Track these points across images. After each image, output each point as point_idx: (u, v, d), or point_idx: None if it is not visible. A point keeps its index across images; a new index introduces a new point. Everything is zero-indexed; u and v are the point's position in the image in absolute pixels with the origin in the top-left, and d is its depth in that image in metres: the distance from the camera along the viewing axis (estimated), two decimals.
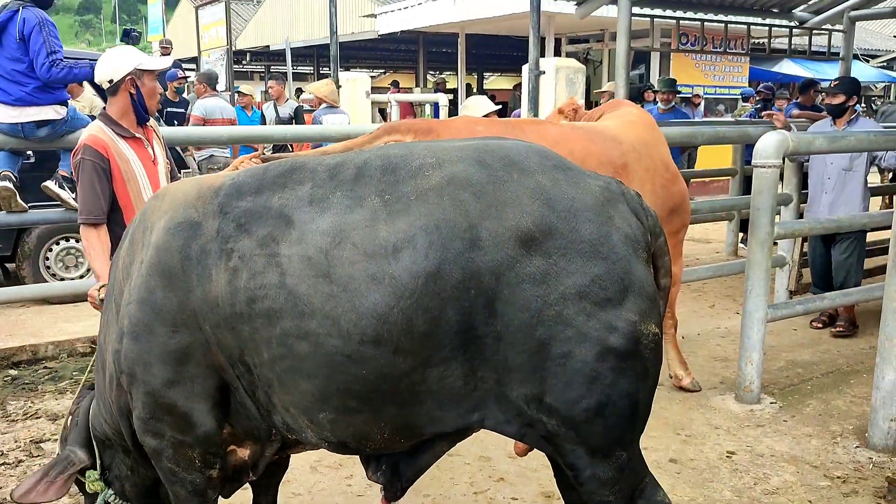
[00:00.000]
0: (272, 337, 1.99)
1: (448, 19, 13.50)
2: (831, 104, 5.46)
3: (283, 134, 6.57)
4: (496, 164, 2.02)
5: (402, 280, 1.90)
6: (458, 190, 1.96)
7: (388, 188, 2.00)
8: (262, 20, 21.95)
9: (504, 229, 1.92)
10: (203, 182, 2.26)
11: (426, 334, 1.91)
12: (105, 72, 3.26)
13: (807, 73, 17.87)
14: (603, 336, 1.92)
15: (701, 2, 8.59)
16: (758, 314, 4.37)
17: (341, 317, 1.92)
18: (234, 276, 2.02)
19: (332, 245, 1.95)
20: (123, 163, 3.27)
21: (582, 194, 2.00)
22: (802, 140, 4.33)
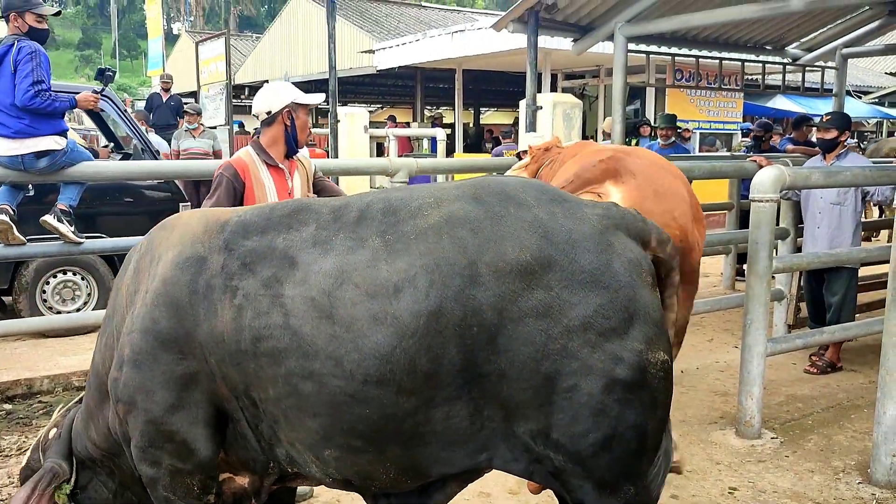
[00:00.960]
0: (277, 376, 2.00)
1: (445, 55, 13.65)
2: (824, 139, 5.50)
3: None
4: (492, 200, 2.04)
5: (404, 319, 1.90)
6: (456, 227, 1.98)
7: (388, 229, 2.03)
8: (262, 55, 22.18)
9: (504, 264, 1.93)
10: (210, 216, 2.29)
11: (429, 374, 1.91)
12: (263, 104, 3.42)
13: (800, 109, 18.09)
14: (609, 367, 1.91)
15: (696, 39, 8.70)
16: (758, 348, 4.35)
17: (344, 357, 1.93)
18: (239, 313, 2.05)
19: (334, 286, 1.98)
20: (259, 188, 3.37)
21: (579, 225, 2.01)
22: (799, 175, 4.36)
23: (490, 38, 12.53)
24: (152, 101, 13.01)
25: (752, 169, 5.38)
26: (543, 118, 7.33)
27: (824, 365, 5.60)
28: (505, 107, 28.43)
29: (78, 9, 68.90)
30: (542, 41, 8.56)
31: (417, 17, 21.18)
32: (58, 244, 5.27)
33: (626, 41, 7.38)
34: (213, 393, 2.14)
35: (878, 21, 8.66)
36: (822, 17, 8.78)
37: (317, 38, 18.54)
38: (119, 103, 6.80)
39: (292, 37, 20.25)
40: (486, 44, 12.58)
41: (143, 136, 7.04)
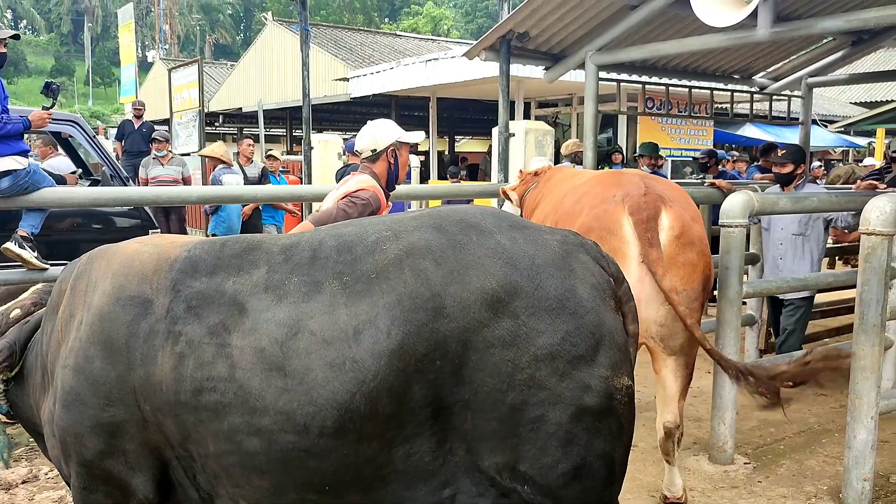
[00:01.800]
0: (219, 431, 1.88)
1: (419, 83, 13.72)
2: (781, 173, 5.47)
3: (254, 194, 6.55)
4: (454, 229, 1.98)
5: (365, 363, 1.81)
6: (418, 259, 1.90)
7: (346, 269, 1.93)
8: (236, 83, 22.17)
9: (469, 293, 1.86)
10: (162, 252, 2.16)
11: (391, 415, 1.83)
12: (368, 141, 3.47)
13: (768, 137, 18.42)
14: (577, 396, 1.86)
15: (665, 67, 8.83)
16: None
17: (297, 411, 1.82)
18: (180, 362, 1.92)
19: (287, 336, 1.87)
20: None
21: (542, 250, 1.97)
22: (767, 200, 4.41)
23: (464, 67, 12.62)
24: (124, 127, 12.89)
25: (718, 195, 5.42)
26: (516, 145, 7.37)
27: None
28: (480, 135, 28.61)
29: (51, 36, 68.52)
30: (515, 69, 8.64)
31: (392, 45, 21.33)
32: (20, 272, 5.16)
33: (597, 69, 7.47)
34: (147, 441, 2.01)
35: (842, 51, 8.86)
36: (788, 48, 8.97)
37: (291, 65, 18.57)
38: (88, 129, 6.73)
39: (267, 64, 20.28)
40: (459, 72, 12.67)
41: (113, 163, 6.96)
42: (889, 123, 20.56)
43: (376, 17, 70.86)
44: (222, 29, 68.71)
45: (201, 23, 66.74)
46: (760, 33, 5.88)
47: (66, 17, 64.94)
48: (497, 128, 7.58)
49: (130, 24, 17.07)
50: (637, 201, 3.52)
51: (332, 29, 22.93)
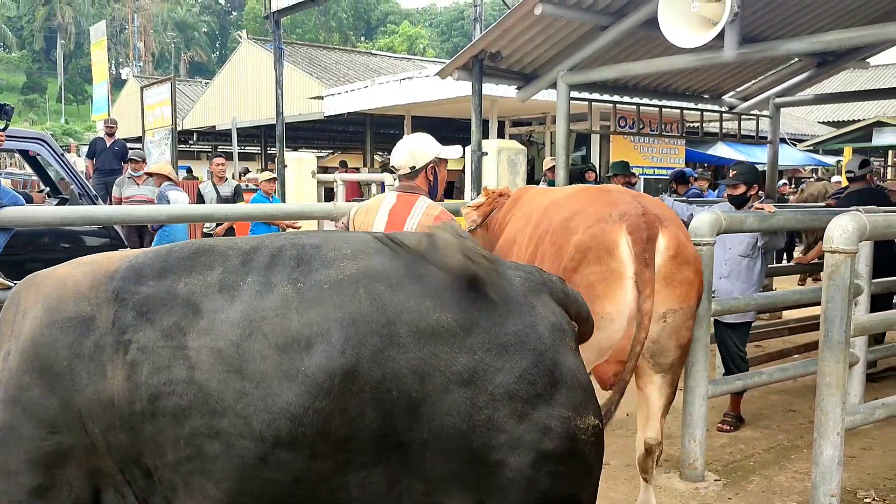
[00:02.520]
0: (179, 437, 1.81)
1: (394, 102, 13.78)
2: (733, 195, 5.24)
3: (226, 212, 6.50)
4: (412, 256, 1.93)
5: (317, 378, 1.75)
6: (374, 283, 1.85)
7: (301, 276, 1.88)
8: (210, 100, 22.11)
9: (424, 324, 1.79)
10: (98, 267, 2.07)
11: (345, 438, 1.77)
12: (406, 157, 3.32)
13: (739, 156, 18.68)
14: (537, 440, 1.79)
15: (637, 87, 8.95)
16: (699, 390, 4.39)
17: (254, 416, 1.77)
18: (133, 371, 1.84)
19: (242, 337, 1.81)
20: None
21: (504, 284, 1.92)
22: (735, 218, 4.46)
23: (438, 86, 12.69)
24: (95, 145, 12.78)
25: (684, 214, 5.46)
26: (489, 164, 7.41)
27: (734, 420, 5.41)
28: None
29: (23, 53, 67.90)
30: (489, 89, 8.71)
31: (367, 64, 21.41)
32: None
33: (569, 89, 7.55)
34: (93, 468, 1.91)
35: (808, 72, 9.06)
36: (756, 68, 9.14)
37: (266, 83, 18.55)
38: (56, 147, 6.66)
39: (241, 82, 20.25)
40: (433, 91, 12.75)
41: (82, 181, 6.89)
42: (855, 143, 21.00)
43: (352, 35, 71.11)
44: (197, 47, 68.54)
45: (176, 40, 66.54)
46: (727, 54, 5.99)
47: (38, 35, 64.39)
48: (470, 146, 7.62)
49: (103, 41, 16.94)
50: (636, 221, 3.52)
51: (308, 48, 22.98)
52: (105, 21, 19.76)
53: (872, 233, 3.78)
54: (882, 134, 21.05)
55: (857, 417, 3.91)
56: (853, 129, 21.68)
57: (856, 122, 23.84)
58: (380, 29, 73.16)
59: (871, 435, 5.17)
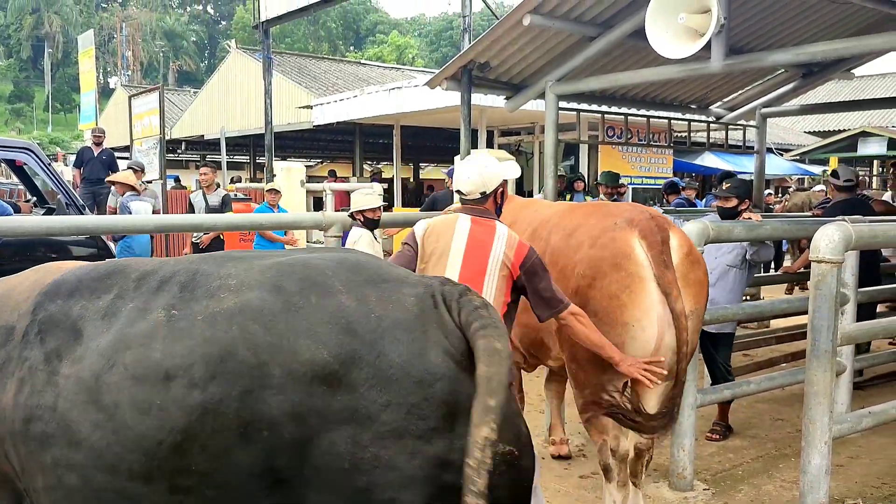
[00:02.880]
0: (45, 464, 1.78)
1: (383, 111, 13.79)
2: (724, 207, 5.25)
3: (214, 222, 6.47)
4: (293, 289, 1.83)
5: (172, 412, 1.69)
6: (249, 321, 1.76)
7: (178, 304, 1.81)
8: (199, 110, 22.06)
9: (298, 365, 1.70)
10: (41, 278, 2.07)
11: (208, 473, 1.70)
12: (477, 183, 3.25)
13: (726, 165, 18.80)
14: (434, 475, 1.68)
15: (625, 97, 9.00)
16: (688, 399, 4.39)
17: (106, 449, 1.71)
18: (20, 388, 1.84)
19: (104, 367, 1.76)
20: None
21: (392, 310, 1.80)
22: (722, 228, 4.49)
23: (427, 95, 12.72)
24: (83, 154, 12.74)
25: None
26: None
27: (723, 429, 5.43)
28: (444, 162, 28.80)
29: (10, 62, 67.62)
30: (477, 98, 8.73)
31: (356, 73, 21.45)
32: None
33: (557, 99, 7.57)
34: (6, 474, 1.90)
35: (794, 83, 9.12)
36: (742, 79, 9.20)
37: (255, 92, 18.53)
38: (43, 156, 6.62)
39: (230, 91, 20.23)
40: (422, 100, 12.77)
41: (69, 191, 6.86)
42: (841, 152, 21.20)
43: (341, 45, 71.25)
44: (186, 56, 68.48)
45: (164, 49, 66.47)
46: (714, 65, 6.02)
47: (25, 43, 64.18)
48: (458, 156, 7.63)
49: (91, 50, 16.89)
50: (647, 224, 3.52)
51: (296, 57, 22.99)
52: (93, 30, 19.73)
53: (858, 242, 3.81)
54: (867, 144, 21.26)
55: (844, 426, 3.93)
56: (839, 138, 21.88)
57: (841, 131, 24.08)
58: (369, 38, 73.35)
59: (858, 444, 5.20)
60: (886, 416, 4.19)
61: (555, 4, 6.44)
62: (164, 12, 70.93)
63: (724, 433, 5.40)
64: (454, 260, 3.13)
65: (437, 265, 3.15)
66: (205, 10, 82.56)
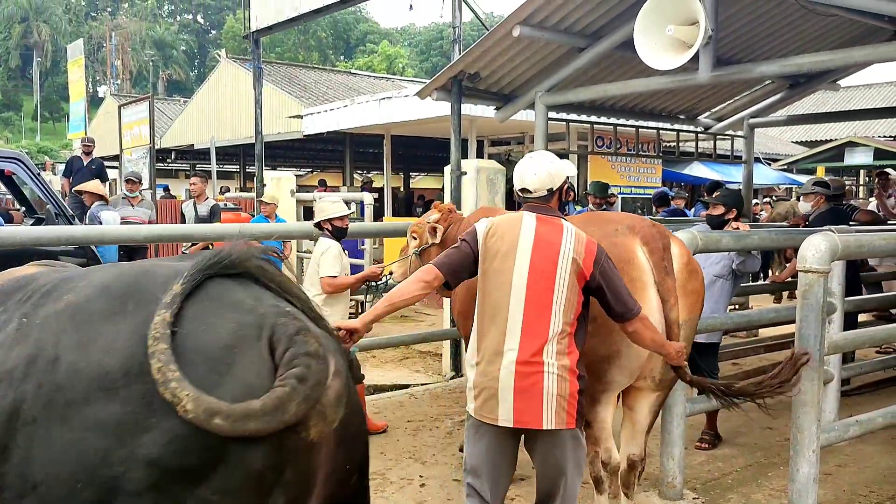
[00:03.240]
0: None
1: (373, 121, 13.81)
2: (711, 214, 5.33)
3: (204, 233, 6.47)
4: (117, 292, 1.79)
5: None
6: (65, 318, 1.73)
7: (32, 311, 1.79)
8: (188, 119, 22.05)
9: (85, 365, 1.65)
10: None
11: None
12: (545, 180, 3.19)
13: (715, 175, 18.91)
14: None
15: (614, 107, 9.07)
16: (677, 409, 4.42)
17: None
18: None
19: None
20: None
21: (201, 333, 1.73)
22: (710, 238, 4.51)
23: (417, 105, 12.74)
24: (72, 164, 12.67)
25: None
26: (468, 184, 7.44)
27: (712, 438, 5.46)
28: (434, 172, 28.84)
29: None
30: (467, 108, 8.76)
31: (346, 83, 21.49)
32: None
33: (547, 109, 7.63)
34: None
35: (781, 94, 9.22)
36: (730, 90, 9.30)
37: (245, 102, 18.53)
38: (32, 166, 6.61)
39: (220, 101, 20.23)
40: (413, 110, 12.80)
41: (59, 201, 6.84)
42: (828, 162, 21.39)
43: (331, 55, 71.34)
44: (176, 65, 68.40)
45: (154, 59, 66.38)
46: (702, 76, 6.09)
47: (14, 52, 63.93)
48: (448, 166, 7.66)
49: (80, 59, 16.85)
50: (649, 231, 3.54)
51: (287, 67, 23.02)
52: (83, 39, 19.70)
53: (845, 252, 3.85)
54: (854, 154, 21.46)
55: (832, 435, 3.96)
56: (825, 148, 22.08)
57: (828, 141, 24.30)
58: (359, 48, 73.47)
59: (845, 452, 5.23)
60: (873, 424, 4.22)
61: (544, 16, 6.49)
62: (153, 21, 70.89)
63: (712, 442, 5.42)
64: (521, 260, 3.01)
65: (502, 266, 3.03)
66: (195, 19, 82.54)
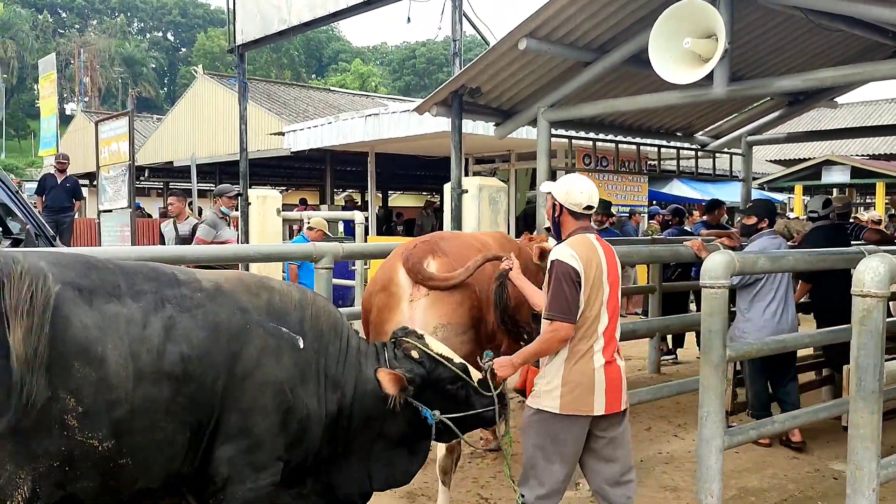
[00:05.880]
0: None
1: (359, 138, 13.51)
2: (745, 224, 5.80)
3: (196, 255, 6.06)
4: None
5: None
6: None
7: None
8: (163, 136, 21.52)
9: None
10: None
11: None
12: (583, 199, 3.48)
13: (695, 193, 18.95)
14: None
15: (612, 125, 8.87)
16: (715, 442, 4.14)
17: None
18: None
19: None
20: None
21: None
22: (747, 260, 4.27)
23: (403, 122, 12.51)
24: (45, 182, 12.21)
25: (687, 253, 5.32)
26: (469, 202, 7.18)
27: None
28: (412, 190, 28.60)
29: None
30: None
31: (325, 100, 21.17)
32: None
33: (550, 126, 7.39)
34: None
35: (780, 111, 9.09)
36: (729, 107, 9.15)
37: (223, 119, 18.13)
38: (11, 185, 6.18)
39: (197, 118, 19.77)
40: (400, 127, 12.56)
41: (38, 220, 6.40)
42: (806, 181, 21.49)
43: (304, 72, 71.00)
44: (146, 82, 67.57)
45: (123, 76, 65.51)
46: (717, 91, 5.89)
47: None
48: (449, 184, 7.37)
49: (52, 74, 16.32)
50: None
51: (265, 83, 22.64)
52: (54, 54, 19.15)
53: None
54: (831, 172, 21.60)
55: (890, 470, 3.70)
56: (803, 167, 22.18)
57: (803, 160, 24.47)
58: (331, 66, 73.24)
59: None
60: None
61: (551, 28, 6.26)
62: (123, 38, 70.03)
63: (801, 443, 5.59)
64: (605, 285, 3.41)
65: (596, 295, 3.38)
66: (165, 36, 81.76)
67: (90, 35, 67.50)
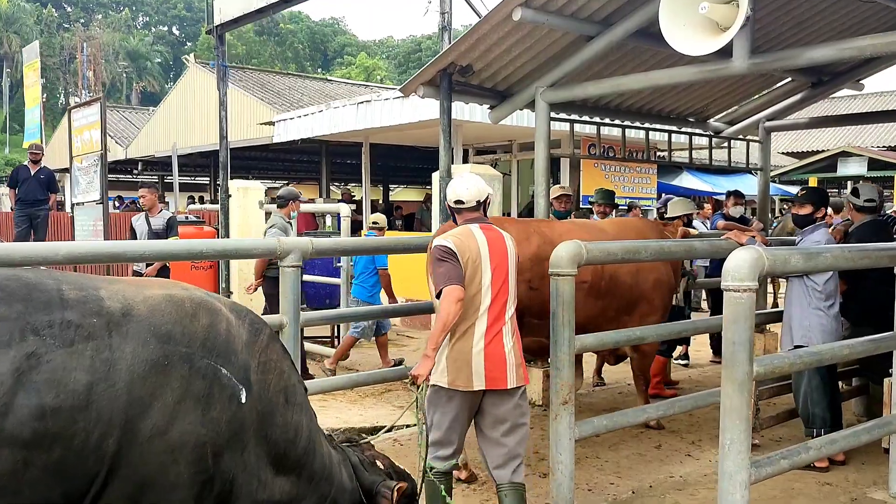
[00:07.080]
0: None
1: (351, 127, 12.81)
2: (798, 214, 5.29)
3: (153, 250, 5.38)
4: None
5: None
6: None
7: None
8: (156, 128, 20.85)
9: None
10: None
11: None
12: (474, 193, 3.76)
13: (705, 186, 18.22)
14: None
15: (617, 108, 8.15)
16: (740, 476, 3.43)
17: None
18: None
19: None
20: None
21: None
22: (778, 257, 3.56)
23: (398, 110, 11.81)
24: (18, 173, 11.59)
25: (728, 248, 4.59)
26: None
27: None
28: (414, 183, 27.89)
29: None
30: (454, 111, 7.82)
31: (322, 90, 20.46)
32: None
33: (549, 108, 6.68)
34: None
35: (801, 94, 8.34)
36: (745, 89, 8.42)
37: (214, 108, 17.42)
38: None
39: (189, 108, 19.10)
40: (394, 115, 11.86)
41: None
42: (821, 173, 20.78)
43: (309, 66, 70.32)
44: (150, 76, 67.05)
45: (128, 70, 65.06)
46: (737, 65, 5.19)
47: None
48: (437, 173, 6.67)
49: (35, 63, 15.69)
50: None
51: (259, 73, 21.95)
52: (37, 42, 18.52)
53: None
54: (847, 164, 20.87)
55: None
56: (818, 159, 21.47)
57: (816, 152, 23.74)
58: (336, 60, 72.54)
59: None
60: None
61: None
62: (127, 33, 69.51)
63: None
64: (485, 267, 3.64)
65: (474, 275, 3.62)
66: (170, 31, 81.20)
67: (95, 29, 66.96)
